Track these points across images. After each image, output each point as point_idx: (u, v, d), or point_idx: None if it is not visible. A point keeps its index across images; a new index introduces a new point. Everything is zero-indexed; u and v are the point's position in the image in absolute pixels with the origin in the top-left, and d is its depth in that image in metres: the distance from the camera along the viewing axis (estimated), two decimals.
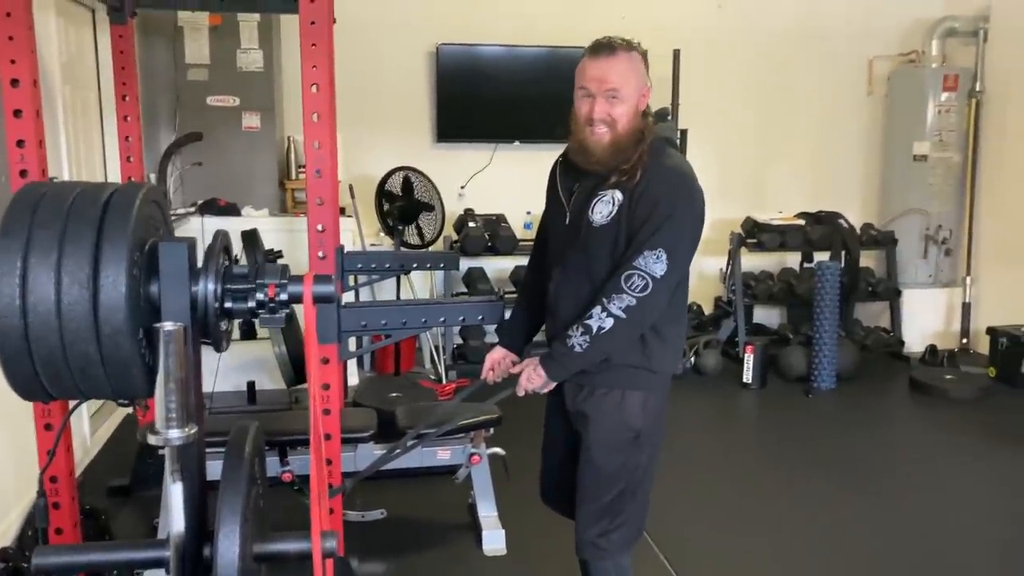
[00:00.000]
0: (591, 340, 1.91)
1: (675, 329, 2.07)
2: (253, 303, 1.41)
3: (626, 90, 1.96)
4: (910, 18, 5.94)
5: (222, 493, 1.37)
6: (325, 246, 2.44)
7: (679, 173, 1.97)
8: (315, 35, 2.35)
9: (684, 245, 1.94)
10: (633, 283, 1.87)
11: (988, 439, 4.29)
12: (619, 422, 2.03)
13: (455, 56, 5.43)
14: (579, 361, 1.97)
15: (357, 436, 3.05)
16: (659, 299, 1.90)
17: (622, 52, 1.98)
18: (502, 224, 5.35)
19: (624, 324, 1.89)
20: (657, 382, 2.07)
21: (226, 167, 4.90)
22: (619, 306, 1.88)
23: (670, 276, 1.89)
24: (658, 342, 2.01)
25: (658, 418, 2.10)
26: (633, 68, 1.98)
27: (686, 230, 1.94)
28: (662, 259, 1.87)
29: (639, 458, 2.07)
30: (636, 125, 1.97)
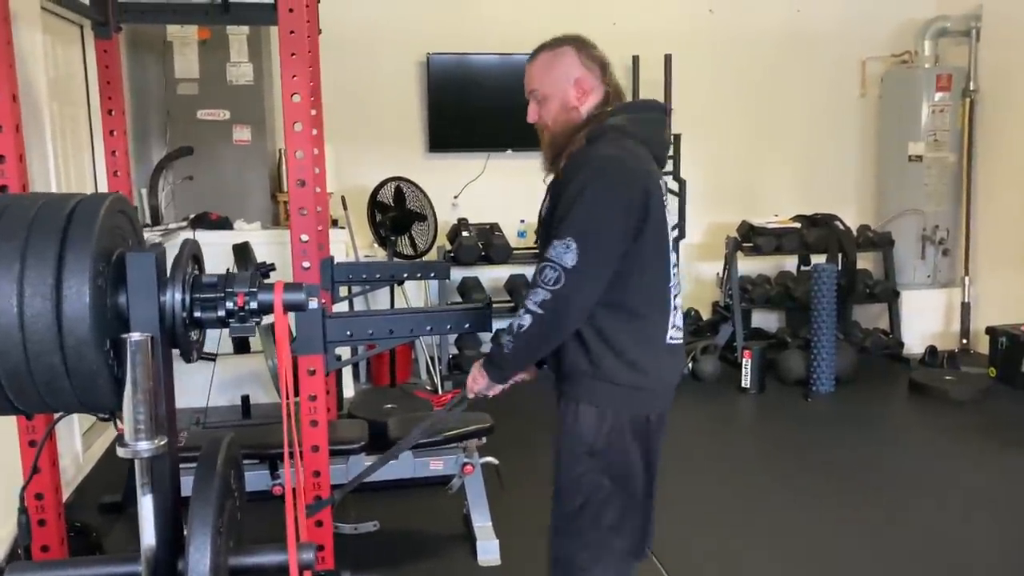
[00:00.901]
0: (514, 339, 1.82)
1: (632, 344, 1.87)
2: (223, 312, 1.39)
3: (546, 88, 1.94)
4: (901, 19, 5.93)
5: (192, 505, 1.35)
6: (309, 256, 2.43)
7: (596, 156, 1.83)
8: (294, 45, 2.35)
9: (597, 232, 1.77)
10: (545, 275, 1.77)
11: (990, 440, 4.25)
12: (572, 434, 1.93)
13: (446, 65, 5.43)
14: (510, 361, 1.89)
15: (347, 448, 3.03)
16: (575, 293, 1.76)
17: (543, 53, 1.97)
18: (496, 233, 5.33)
19: (542, 320, 1.78)
20: (618, 398, 1.89)
21: (218, 181, 4.89)
22: (535, 301, 1.78)
23: (585, 266, 1.75)
24: (608, 352, 1.85)
25: (625, 436, 1.91)
26: (553, 64, 1.94)
27: (597, 217, 1.77)
28: (571, 248, 1.75)
29: (599, 478, 1.91)
30: (570, 119, 1.92)
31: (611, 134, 1.87)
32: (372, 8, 5.33)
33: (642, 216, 1.81)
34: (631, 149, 1.86)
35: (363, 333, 2.50)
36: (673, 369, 1.97)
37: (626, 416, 1.90)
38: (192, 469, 1.52)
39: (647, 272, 1.86)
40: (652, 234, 1.85)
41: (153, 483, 1.36)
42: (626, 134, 1.88)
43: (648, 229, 1.83)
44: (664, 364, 1.93)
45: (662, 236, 1.89)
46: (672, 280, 1.93)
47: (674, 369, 1.98)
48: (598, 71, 1.95)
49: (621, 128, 1.89)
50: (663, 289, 1.90)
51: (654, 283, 1.89)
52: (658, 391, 1.95)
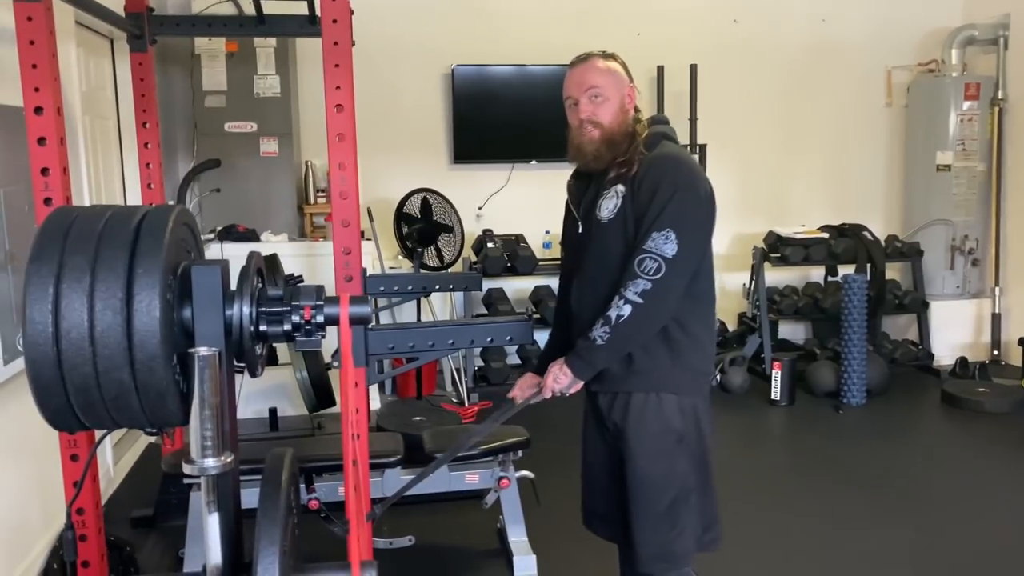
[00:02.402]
0: (611, 330, 1.88)
1: (703, 328, 2.04)
2: (288, 326, 1.37)
3: (608, 89, 2.03)
4: (927, 27, 5.90)
5: (260, 524, 1.32)
6: (352, 268, 2.41)
7: (676, 158, 2.00)
8: (338, 56, 2.34)
9: (692, 225, 1.91)
10: (646, 266, 1.86)
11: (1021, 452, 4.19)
12: (659, 426, 1.99)
13: (470, 77, 5.42)
14: (603, 354, 1.93)
15: (384, 461, 3.00)
16: (675, 282, 1.88)
17: (596, 58, 2.08)
18: (521, 244, 5.31)
19: (643, 309, 1.86)
20: (692, 383, 2.04)
21: (244, 193, 4.89)
22: (635, 291, 1.85)
23: (683, 257, 1.88)
24: (686, 340, 1.99)
25: (700, 421, 2.06)
26: (612, 69, 2.06)
27: (690, 211, 1.92)
28: (671, 239, 1.86)
29: (685, 463, 2.02)
30: (625, 122, 2.04)
31: (666, 142, 2.05)
32: (398, 21, 5.33)
33: (714, 212, 2.00)
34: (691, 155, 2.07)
35: (405, 345, 2.46)
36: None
37: (698, 400, 2.04)
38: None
39: (707, 265, 2.04)
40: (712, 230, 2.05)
41: (219, 502, 1.33)
42: (667, 137, 2.07)
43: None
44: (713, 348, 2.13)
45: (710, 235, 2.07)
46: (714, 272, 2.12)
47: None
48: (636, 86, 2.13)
49: (669, 136, 2.08)
50: (712, 281, 2.09)
51: (710, 276, 2.06)
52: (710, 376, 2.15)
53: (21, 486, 2.83)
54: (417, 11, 5.39)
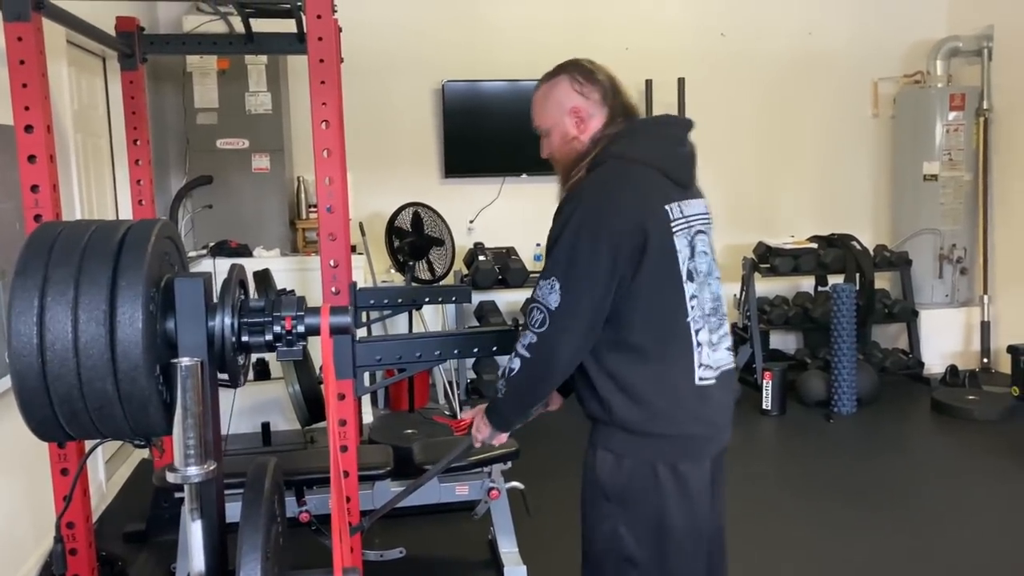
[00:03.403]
0: (506, 384, 1.73)
1: (646, 383, 1.70)
2: (270, 336, 1.40)
3: (545, 121, 1.86)
4: (912, 39, 5.97)
5: (242, 531, 1.34)
6: (339, 281, 2.44)
7: (585, 188, 1.72)
8: (324, 73, 2.37)
9: (580, 270, 1.62)
10: (532, 317, 1.65)
11: (1015, 459, 4.21)
12: (590, 479, 1.82)
13: (461, 92, 5.47)
14: (505, 408, 1.78)
15: (374, 473, 3.02)
16: (561, 336, 1.63)
17: (540, 86, 1.89)
18: (512, 257, 5.35)
19: (530, 365, 1.66)
20: (634, 444, 1.73)
21: (237, 209, 4.93)
22: (523, 344, 1.67)
23: (568, 309, 1.62)
24: (618, 395, 1.71)
25: (651, 492, 1.73)
26: (548, 96, 1.85)
27: (579, 251, 1.63)
28: (555, 288, 1.63)
29: (618, 528, 1.76)
30: (572, 149, 1.82)
31: (611, 162, 1.74)
32: (389, 37, 5.39)
33: (638, 247, 1.65)
34: (632, 176, 1.72)
35: (392, 357, 2.49)
36: (708, 414, 1.76)
37: (648, 465, 1.73)
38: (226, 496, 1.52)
39: (654, 307, 1.69)
40: (656, 266, 1.67)
41: (202, 509, 1.35)
42: (627, 159, 1.74)
43: (648, 262, 1.66)
44: (695, 408, 1.73)
45: (670, 268, 1.70)
46: (692, 314, 1.72)
47: (713, 413, 1.77)
48: (598, 94, 1.82)
49: (622, 154, 1.75)
50: (678, 325, 1.71)
51: (664, 318, 1.71)
52: (688, 439, 1.74)
53: (12, 501, 2.85)
54: (408, 27, 5.45)
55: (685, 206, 1.77)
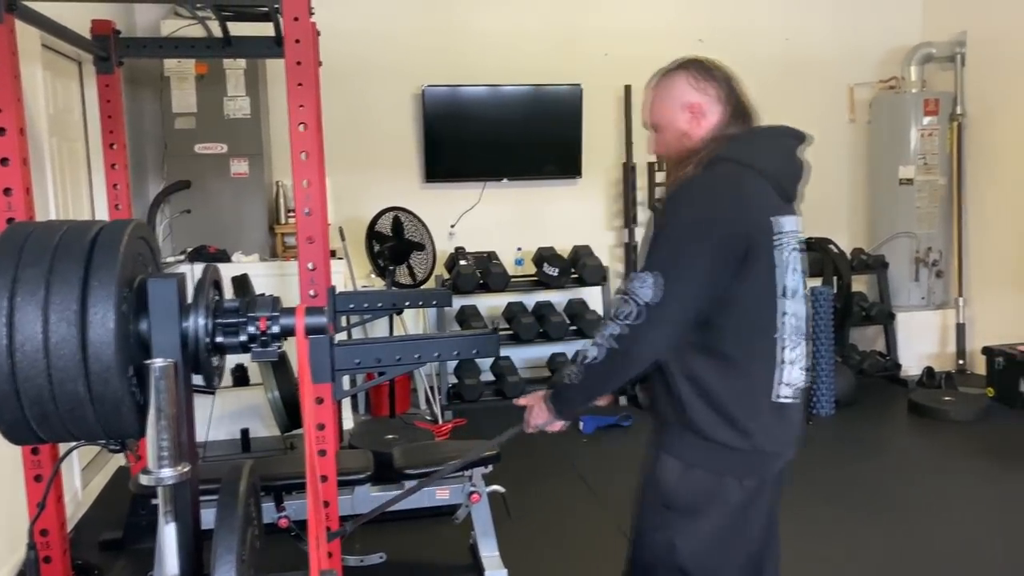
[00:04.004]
0: (582, 371, 1.70)
1: (728, 392, 1.68)
2: (245, 337, 1.39)
3: (657, 118, 1.82)
4: (888, 45, 6.04)
5: (217, 533, 1.33)
6: (316, 284, 2.43)
7: (696, 186, 1.68)
8: (301, 75, 2.37)
9: (682, 268, 1.61)
10: (621, 309, 1.62)
11: (992, 459, 4.26)
12: (651, 483, 1.79)
13: (441, 97, 5.48)
14: (573, 394, 1.76)
15: (354, 478, 3.00)
16: (651, 330, 1.61)
17: (656, 81, 1.85)
18: (493, 261, 5.35)
19: (614, 356, 1.63)
20: (706, 454, 1.70)
21: (215, 214, 4.90)
22: (607, 334, 1.64)
23: (666, 304, 1.59)
24: (699, 401, 1.68)
25: (712, 506, 1.71)
26: (663, 92, 1.82)
27: (684, 249, 1.61)
28: (647, 282, 1.60)
29: (673, 539, 1.73)
30: (684, 146, 1.78)
31: (725, 164, 1.70)
32: (369, 42, 5.39)
33: (741, 255, 1.63)
34: (744, 182, 1.69)
35: (371, 360, 2.47)
36: (783, 432, 1.75)
37: (715, 477, 1.71)
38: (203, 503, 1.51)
39: (747, 318, 1.68)
40: (757, 277, 1.66)
41: (176, 512, 1.34)
42: (743, 164, 1.71)
43: (750, 271, 1.65)
44: (770, 425, 1.71)
45: (769, 281, 1.69)
46: (781, 331, 1.70)
47: (785, 432, 1.76)
48: (714, 91, 1.79)
49: (737, 158, 1.71)
50: (766, 339, 1.70)
51: (755, 331, 1.70)
52: (759, 455, 1.73)
53: None
54: (388, 33, 5.45)
55: (785, 221, 1.73)
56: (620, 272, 5.84)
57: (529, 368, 5.63)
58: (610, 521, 3.59)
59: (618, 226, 5.85)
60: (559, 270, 5.35)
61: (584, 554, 3.33)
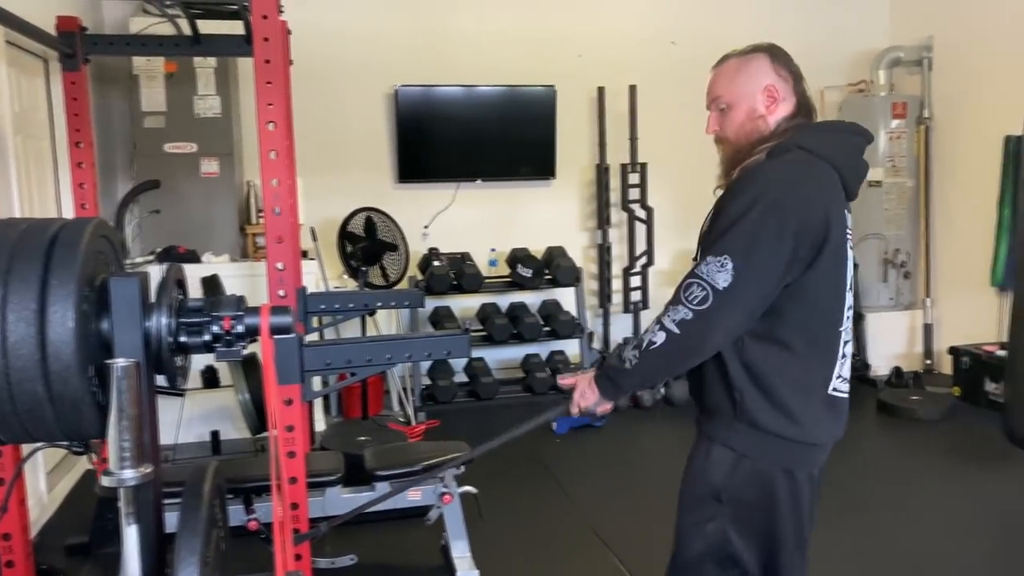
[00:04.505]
0: (641, 355, 1.63)
1: (785, 382, 1.65)
2: (209, 336, 1.37)
3: (731, 95, 1.76)
4: (857, 49, 6.12)
5: (180, 534, 1.32)
6: (286, 285, 2.41)
7: (773, 171, 1.64)
8: (270, 73, 2.35)
9: (758, 255, 1.55)
10: (691, 293, 1.56)
11: (957, 457, 4.32)
12: (699, 474, 1.76)
13: (414, 97, 5.46)
14: (629, 378, 1.68)
15: (324, 480, 2.98)
16: (722, 318, 1.56)
17: (731, 59, 1.80)
18: (467, 262, 5.34)
19: (677, 341, 1.58)
20: (759, 444, 1.67)
21: (185, 214, 4.84)
22: (673, 319, 1.58)
23: (738, 291, 1.55)
24: (754, 390, 1.65)
25: (763, 496, 1.70)
26: (741, 69, 1.76)
27: (761, 236, 1.56)
28: (726, 267, 1.54)
29: (725, 530, 1.72)
30: (756, 128, 1.73)
31: (799, 152, 1.66)
32: (341, 41, 5.36)
33: (817, 245, 1.60)
34: (817, 171, 1.66)
35: (341, 361, 2.46)
36: (833, 424, 1.73)
37: (767, 468, 1.69)
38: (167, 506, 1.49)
39: (815, 309, 1.66)
40: (828, 268, 1.63)
41: (138, 513, 1.32)
42: (815, 154, 1.67)
43: (823, 262, 1.62)
44: (822, 416, 1.70)
45: (839, 274, 1.68)
46: (844, 324, 1.71)
47: (834, 424, 1.74)
48: (791, 81, 1.76)
49: (811, 148, 1.67)
50: (831, 331, 1.68)
51: (820, 322, 1.67)
52: (811, 446, 1.71)
53: None
54: (360, 32, 5.42)
55: (847, 216, 1.72)
56: (594, 273, 5.86)
57: (503, 369, 5.62)
58: (583, 521, 3.60)
59: (592, 227, 5.86)
60: (533, 271, 5.35)
61: (557, 555, 3.33)
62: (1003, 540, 3.46)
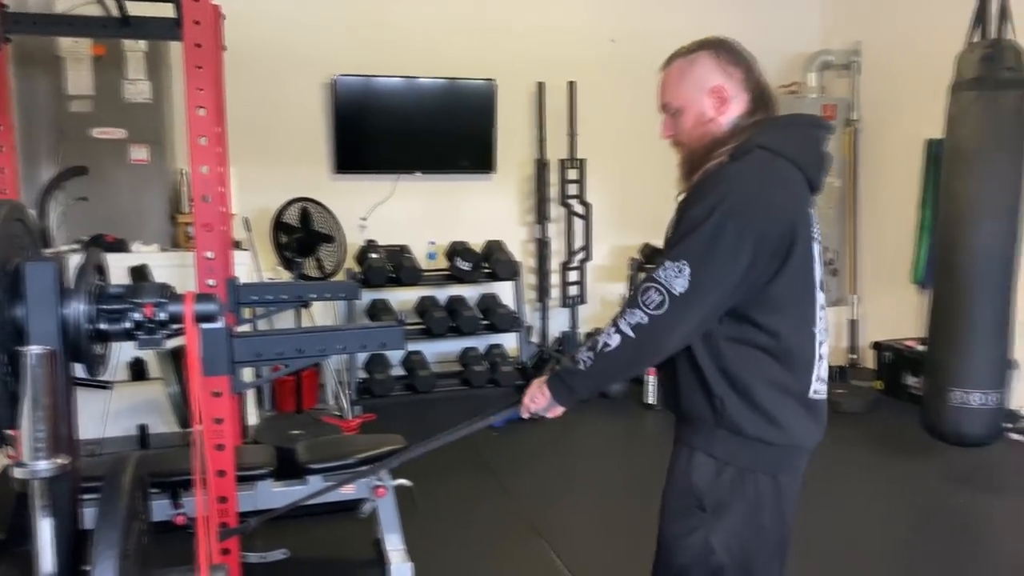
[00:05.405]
0: (595, 358, 1.63)
1: (764, 386, 1.64)
2: (129, 324, 1.34)
3: (679, 99, 1.73)
4: (789, 52, 6.26)
5: (97, 528, 1.28)
6: (215, 274, 2.36)
7: (736, 175, 1.60)
8: (200, 58, 2.30)
9: (718, 261, 1.54)
10: (648, 297, 1.56)
11: (878, 448, 4.48)
12: (681, 484, 1.74)
13: (353, 87, 5.40)
14: (583, 381, 1.67)
15: (254, 473, 2.94)
16: (677, 322, 1.56)
17: (676, 60, 1.76)
18: (405, 255, 5.31)
19: (631, 345, 1.58)
20: (741, 451, 1.66)
21: (113, 202, 4.70)
22: (629, 322, 1.57)
23: (696, 297, 1.54)
24: (733, 395, 1.64)
25: (747, 503, 1.69)
26: (687, 72, 1.72)
27: (721, 241, 1.54)
28: (684, 273, 1.53)
29: (709, 540, 1.71)
30: (708, 131, 1.70)
31: (760, 152, 1.63)
32: (277, 29, 5.27)
33: (782, 253, 1.60)
34: (780, 172, 1.64)
35: (271, 352, 2.41)
36: (814, 428, 1.73)
37: (751, 475, 1.68)
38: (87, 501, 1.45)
39: (788, 313, 1.64)
40: (796, 270, 1.63)
41: (53, 507, 1.28)
42: (777, 154, 1.64)
43: (790, 266, 1.61)
44: (803, 420, 1.69)
45: (808, 276, 1.67)
46: (818, 324, 1.69)
47: (815, 428, 1.74)
48: (741, 75, 1.72)
49: (772, 147, 1.64)
50: (806, 332, 1.67)
51: (795, 324, 1.66)
52: (795, 450, 1.72)
53: None
54: (298, 19, 5.33)
55: (812, 213, 1.70)
56: (533, 267, 5.88)
57: (441, 362, 5.61)
58: (519, 513, 3.62)
59: (531, 221, 5.89)
60: (472, 264, 5.35)
61: (492, 547, 3.35)
62: (919, 527, 3.61)
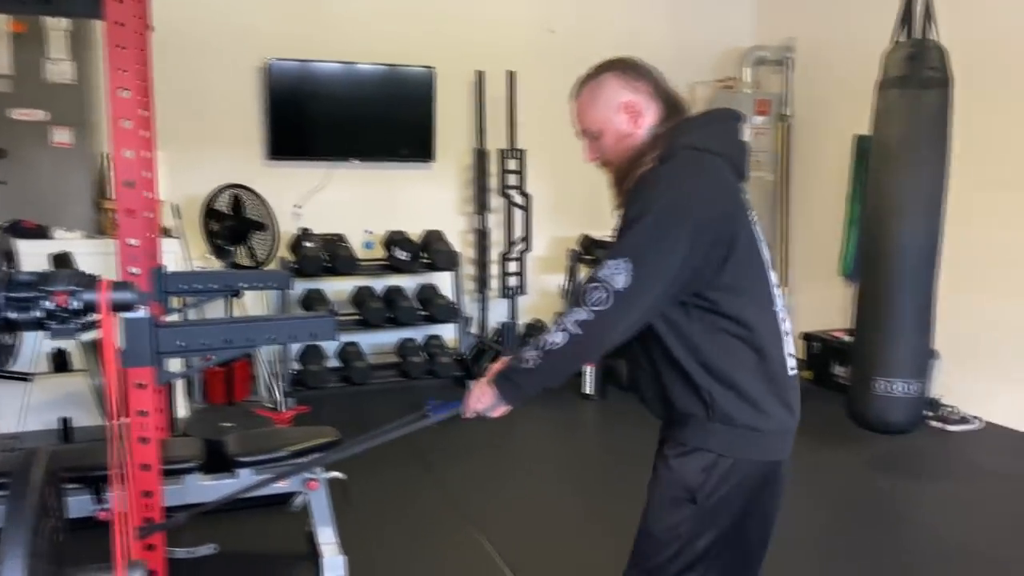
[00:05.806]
0: (542, 356, 1.65)
1: (747, 374, 1.68)
2: (40, 313, 1.28)
3: (596, 123, 1.81)
4: (725, 47, 6.37)
5: (6, 526, 1.23)
6: (138, 261, 2.29)
7: (667, 174, 1.67)
8: (122, 37, 2.22)
9: (657, 255, 1.59)
10: (592, 295, 1.60)
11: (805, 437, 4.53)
12: (671, 478, 1.76)
13: (288, 72, 5.28)
14: (529, 379, 1.70)
15: (182, 467, 2.86)
16: (620, 317, 1.60)
17: (584, 87, 1.84)
18: (341, 244, 5.24)
19: (577, 342, 1.61)
20: (733, 441, 1.69)
21: (34, 186, 4.52)
22: (575, 319, 1.61)
23: (638, 291, 1.58)
24: (722, 388, 1.68)
25: (736, 493, 1.72)
26: (597, 96, 1.81)
27: (658, 236, 1.60)
28: (623, 269, 1.58)
29: (698, 531, 1.73)
30: (629, 145, 1.78)
31: (685, 152, 1.70)
32: (210, 10, 5.12)
33: (725, 240, 1.65)
34: (710, 166, 1.70)
35: (196, 343, 2.34)
36: (795, 403, 1.77)
37: (742, 464, 1.71)
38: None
39: (748, 297, 1.69)
40: (743, 255, 1.68)
41: None
42: (703, 151, 1.71)
43: (738, 253, 1.66)
44: (788, 399, 1.74)
45: (756, 259, 1.72)
46: (776, 304, 1.75)
47: (796, 403, 1.78)
48: (648, 87, 1.79)
49: (697, 145, 1.71)
50: (768, 314, 1.72)
51: (756, 307, 1.71)
52: (783, 433, 1.76)
53: None
54: (232, 1, 5.19)
55: (746, 198, 1.76)
56: (473, 258, 5.86)
57: (378, 354, 5.56)
58: (453, 506, 3.61)
59: (470, 212, 5.87)
60: (410, 255, 5.31)
61: (428, 540, 3.34)
62: (841, 514, 3.72)
